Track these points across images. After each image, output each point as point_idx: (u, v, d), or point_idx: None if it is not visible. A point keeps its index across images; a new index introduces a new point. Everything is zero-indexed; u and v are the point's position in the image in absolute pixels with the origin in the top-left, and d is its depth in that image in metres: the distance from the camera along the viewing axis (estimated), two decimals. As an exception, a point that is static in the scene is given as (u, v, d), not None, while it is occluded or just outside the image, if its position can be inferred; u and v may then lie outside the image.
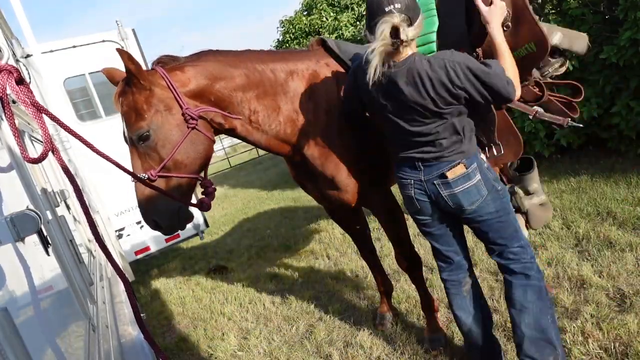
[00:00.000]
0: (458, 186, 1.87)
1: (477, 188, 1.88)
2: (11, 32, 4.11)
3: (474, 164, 1.88)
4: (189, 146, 1.96)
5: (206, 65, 2.08)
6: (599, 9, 4.31)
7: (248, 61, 2.20)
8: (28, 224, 1.05)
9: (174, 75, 1.99)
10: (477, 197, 1.88)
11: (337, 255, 4.50)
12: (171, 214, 1.95)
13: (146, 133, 1.89)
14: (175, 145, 1.92)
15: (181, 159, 1.94)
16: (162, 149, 1.91)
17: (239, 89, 2.13)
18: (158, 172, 1.89)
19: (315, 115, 2.30)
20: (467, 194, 1.88)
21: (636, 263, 2.76)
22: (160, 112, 1.92)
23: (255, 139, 2.25)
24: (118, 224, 5.23)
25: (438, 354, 2.53)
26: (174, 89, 1.94)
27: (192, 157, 1.98)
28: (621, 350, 2.12)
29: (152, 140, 1.91)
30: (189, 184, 2.02)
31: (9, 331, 0.75)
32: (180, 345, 3.69)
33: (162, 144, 1.91)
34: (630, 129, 4.20)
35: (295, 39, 9.02)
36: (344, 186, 2.37)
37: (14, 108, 1.28)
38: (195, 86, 2.02)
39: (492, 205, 1.90)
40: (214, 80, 2.07)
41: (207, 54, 2.16)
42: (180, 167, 1.95)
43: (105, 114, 5.23)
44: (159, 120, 1.91)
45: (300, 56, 2.39)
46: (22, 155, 1.25)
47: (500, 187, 1.95)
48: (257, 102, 2.17)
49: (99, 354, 1.47)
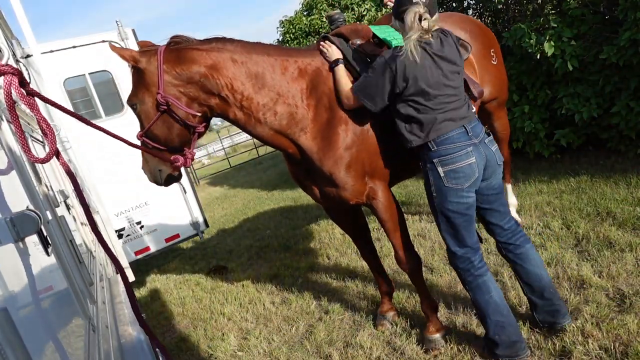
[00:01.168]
0: (495, 143, 2.23)
1: None
2: (11, 32, 4.11)
3: None
4: (161, 126, 2.23)
5: (210, 53, 2.19)
6: (599, 9, 4.31)
7: (254, 52, 2.28)
8: (28, 224, 1.05)
9: (172, 56, 2.16)
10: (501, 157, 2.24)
11: (337, 255, 4.50)
12: (154, 173, 2.36)
13: (134, 104, 2.24)
14: (150, 121, 2.22)
15: (156, 133, 2.24)
16: (143, 120, 2.26)
17: (238, 77, 2.22)
18: (140, 137, 2.29)
19: (316, 111, 2.33)
20: (498, 151, 2.24)
21: (636, 263, 2.76)
22: (145, 90, 2.19)
23: (252, 128, 2.34)
24: (118, 224, 5.23)
25: (438, 354, 2.53)
26: (160, 71, 2.13)
27: (166, 135, 2.25)
28: (621, 350, 2.12)
29: (137, 111, 2.25)
30: (169, 152, 2.31)
31: (9, 331, 0.75)
32: (180, 345, 3.69)
33: (144, 116, 2.25)
34: (630, 129, 4.20)
35: (295, 39, 9.01)
36: (343, 183, 2.38)
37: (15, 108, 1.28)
38: (187, 70, 2.15)
39: None
40: (212, 68, 2.18)
41: (217, 40, 2.27)
42: (158, 140, 2.25)
43: (105, 114, 5.24)
44: (143, 97, 2.21)
45: (304, 53, 2.45)
46: (28, 156, 1.26)
47: None
48: (254, 92, 2.25)
49: (99, 354, 1.47)
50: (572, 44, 4.24)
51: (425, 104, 2.10)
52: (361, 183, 2.42)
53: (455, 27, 3.08)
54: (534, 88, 4.96)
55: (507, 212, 2.34)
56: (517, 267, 2.35)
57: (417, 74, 2.06)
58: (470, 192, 2.15)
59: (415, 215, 4.79)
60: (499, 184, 2.26)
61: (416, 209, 5.05)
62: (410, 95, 2.11)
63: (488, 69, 3.13)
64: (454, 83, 2.13)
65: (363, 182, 2.43)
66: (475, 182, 2.14)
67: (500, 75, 3.31)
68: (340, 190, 2.42)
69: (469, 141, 2.11)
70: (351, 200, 2.47)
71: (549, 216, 3.77)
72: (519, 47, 4.64)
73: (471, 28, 3.14)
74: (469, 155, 2.10)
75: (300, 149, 2.39)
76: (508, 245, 2.34)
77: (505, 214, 2.32)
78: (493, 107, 3.31)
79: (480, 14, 5.93)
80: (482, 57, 3.08)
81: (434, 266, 3.53)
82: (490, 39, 3.29)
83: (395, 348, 2.72)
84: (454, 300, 2.98)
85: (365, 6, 7.46)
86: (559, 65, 4.34)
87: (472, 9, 5.96)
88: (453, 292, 3.09)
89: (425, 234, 4.22)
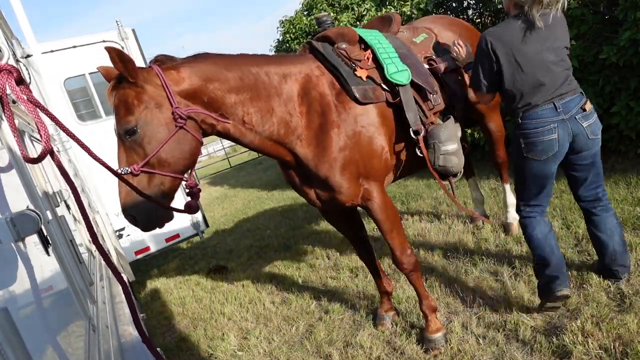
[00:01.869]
0: (593, 117, 2.30)
1: (597, 119, 2.33)
2: (11, 32, 4.11)
3: None
4: (175, 145, 1.98)
5: (201, 67, 2.11)
6: (598, 9, 4.30)
7: (243, 64, 2.23)
8: (28, 224, 1.05)
9: (169, 74, 2.02)
10: (599, 127, 2.33)
11: (337, 255, 4.50)
12: (149, 212, 1.96)
13: (133, 128, 1.92)
14: (160, 142, 1.94)
15: (165, 157, 1.96)
16: (147, 145, 1.94)
17: (233, 90, 2.15)
18: (141, 167, 1.92)
19: (308, 118, 2.34)
20: (596, 124, 2.31)
21: (636, 263, 2.76)
22: (150, 109, 1.95)
23: (249, 141, 2.27)
24: (118, 224, 5.23)
25: (438, 354, 2.54)
26: (167, 87, 1.97)
27: (177, 157, 2.00)
28: (621, 350, 2.12)
29: (138, 136, 1.93)
30: (172, 184, 2.02)
31: (9, 331, 0.75)
32: (180, 345, 3.69)
33: (148, 140, 1.93)
34: (630, 129, 4.20)
35: (296, 39, 9.01)
36: (338, 186, 2.39)
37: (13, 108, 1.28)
38: (188, 86, 2.05)
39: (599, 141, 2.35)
40: (208, 82, 2.10)
41: (203, 56, 2.20)
42: (163, 165, 1.97)
43: (105, 114, 5.23)
44: (148, 117, 1.94)
45: (293, 60, 2.44)
46: (21, 155, 1.25)
47: None
48: (250, 104, 2.20)
49: (99, 354, 1.47)
50: (572, 44, 4.24)
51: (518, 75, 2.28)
52: (356, 185, 2.43)
53: (445, 29, 3.09)
54: (534, 88, 4.96)
55: (594, 182, 2.48)
56: (592, 231, 2.61)
57: None
58: (547, 163, 2.33)
59: (415, 216, 4.79)
60: (591, 156, 2.38)
61: (416, 209, 5.05)
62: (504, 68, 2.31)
63: None
64: None
65: (357, 184, 2.44)
66: (557, 156, 2.31)
67: None
68: (336, 193, 2.43)
69: (556, 117, 2.24)
70: (346, 203, 2.47)
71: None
72: (519, 47, 4.64)
73: (460, 30, 3.17)
74: (552, 132, 2.24)
75: (296, 157, 2.39)
76: (588, 212, 2.58)
77: (590, 184, 2.48)
78: (486, 108, 3.32)
79: (480, 14, 5.93)
80: None
81: (434, 266, 3.53)
82: None
83: (395, 348, 2.72)
84: (454, 300, 2.98)
85: (365, 6, 7.46)
86: (559, 65, 4.34)
87: (472, 9, 5.95)
88: (453, 292, 3.09)
89: (425, 234, 4.22)
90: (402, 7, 6.23)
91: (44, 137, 1.18)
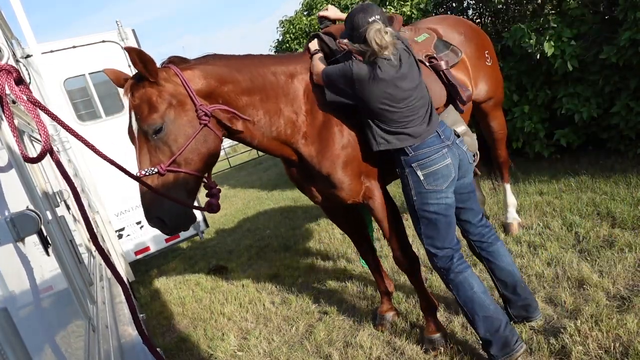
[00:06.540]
0: (464, 143, 2.31)
1: None
2: (11, 32, 4.11)
3: None
4: (200, 143, 1.99)
5: (215, 68, 2.13)
6: (598, 9, 4.31)
7: (252, 65, 2.26)
8: (28, 224, 1.05)
9: (186, 74, 2.04)
10: None
11: (337, 255, 4.50)
12: (177, 213, 1.94)
13: (160, 126, 1.91)
14: (187, 139, 1.95)
15: (191, 155, 1.96)
16: (173, 142, 1.93)
17: (245, 92, 2.18)
18: (167, 166, 1.90)
19: (312, 116, 2.36)
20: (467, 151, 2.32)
21: (636, 263, 2.76)
22: (173, 107, 1.96)
23: (258, 142, 2.30)
24: (118, 224, 5.23)
25: (438, 354, 2.53)
26: (188, 87, 1.99)
27: (202, 154, 2.01)
28: (621, 350, 2.12)
29: (164, 134, 1.92)
30: (195, 183, 2.03)
31: (9, 331, 0.75)
32: (180, 345, 3.69)
33: (174, 137, 1.94)
34: (630, 129, 4.20)
35: (296, 39, 9.01)
36: (340, 183, 2.41)
37: (13, 108, 1.28)
38: (205, 86, 2.07)
39: None
40: (223, 83, 2.12)
41: (214, 57, 2.22)
42: (189, 163, 1.97)
43: (105, 114, 5.23)
44: (172, 115, 1.94)
45: (297, 59, 2.47)
46: (21, 154, 1.25)
47: None
48: (260, 105, 2.23)
49: (99, 354, 1.47)
50: (572, 44, 4.24)
51: None
52: (357, 182, 2.44)
53: (450, 29, 3.10)
54: (533, 88, 4.96)
55: (479, 210, 2.44)
56: (491, 264, 2.45)
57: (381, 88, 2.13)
58: (448, 192, 2.22)
59: (415, 215, 4.78)
60: (470, 183, 2.36)
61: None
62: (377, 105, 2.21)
63: (482, 70, 3.17)
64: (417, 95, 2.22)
65: (359, 182, 2.45)
66: (453, 182, 2.23)
67: (495, 75, 3.35)
68: (337, 190, 2.44)
69: (443, 144, 2.20)
70: (348, 200, 2.49)
71: (549, 216, 3.77)
72: (518, 47, 4.64)
73: (465, 30, 3.17)
74: (445, 156, 2.18)
75: (300, 155, 2.42)
76: (481, 243, 2.44)
77: (478, 212, 2.42)
78: (489, 107, 3.33)
79: (480, 14, 5.93)
80: (476, 58, 3.12)
81: (434, 266, 3.53)
82: (484, 40, 3.34)
83: (395, 348, 2.72)
84: (454, 301, 2.98)
85: (365, 6, 7.46)
86: (558, 65, 4.34)
87: (472, 9, 5.95)
88: (453, 292, 3.09)
89: (425, 234, 4.21)
90: (402, 7, 6.23)
91: (44, 137, 1.18)
